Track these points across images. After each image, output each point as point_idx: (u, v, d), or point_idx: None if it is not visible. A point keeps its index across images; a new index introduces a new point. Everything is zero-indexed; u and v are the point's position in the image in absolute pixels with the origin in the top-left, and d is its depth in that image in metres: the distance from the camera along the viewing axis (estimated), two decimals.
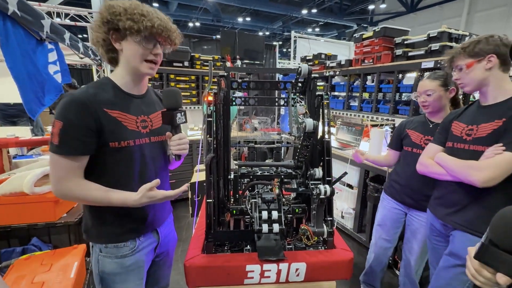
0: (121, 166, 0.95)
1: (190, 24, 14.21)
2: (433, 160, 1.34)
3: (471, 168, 1.13)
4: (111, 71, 1.00)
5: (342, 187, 2.78)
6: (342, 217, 2.82)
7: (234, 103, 1.45)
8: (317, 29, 14.66)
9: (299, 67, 1.29)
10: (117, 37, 0.90)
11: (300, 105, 1.31)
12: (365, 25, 13.04)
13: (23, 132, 3.25)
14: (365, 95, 2.82)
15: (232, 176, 1.38)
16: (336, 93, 3.31)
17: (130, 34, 0.88)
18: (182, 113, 1.00)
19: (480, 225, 1.18)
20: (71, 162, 0.86)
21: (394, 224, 1.81)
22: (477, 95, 1.30)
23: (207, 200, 1.14)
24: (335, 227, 2.72)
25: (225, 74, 1.30)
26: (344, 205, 2.71)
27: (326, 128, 1.30)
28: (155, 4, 11.10)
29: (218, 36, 4.51)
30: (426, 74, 1.66)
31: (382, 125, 3.08)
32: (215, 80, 1.29)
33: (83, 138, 0.86)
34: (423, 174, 1.42)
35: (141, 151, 0.99)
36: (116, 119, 0.92)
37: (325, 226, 1.20)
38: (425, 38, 2.19)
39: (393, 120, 2.57)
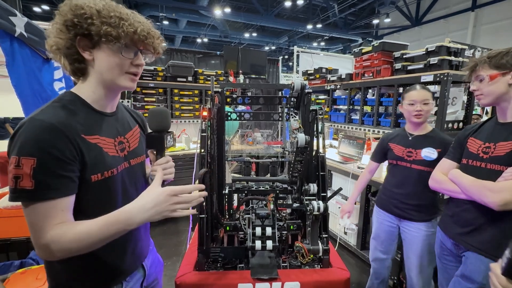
0: (103, 201, 0.77)
1: (199, 40, 14.68)
2: (447, 176, 1.29)
3: (487, 189, 1.07)
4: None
5: (344, 202, 2.72)
6: (345, 233, 2.74)
7: (229, 118, 1.48)
8: (322, 43, 14.89)
9: (292, 82, 1.31)
10: (87, 45, 0.72)
11: (294, 119, 1.31)
12: (370, 39, 13.19)
13: None
14: (367, 109, 2.81)
15: (226, 191, 1.38)
16: (337, 107, 3.32)
17: (106, 41, 0.71)
18: (170, 135, 0.94)
19: (496, 248, 1.11)
20: (55, 207, 0.66)
21: (388, 236, 1.79)
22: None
23: (200, 216, 1.14)
24: (337, 244, 2.64)
25: (219, 90, 1.33)
26: (347, 220, 2.63)
27: (321, 143, 1.29)
28: (165, 22, 11.56)
29: (222, 52, 4.63)
30: (416, 86, 1.66)
31: None
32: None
33: (66, 173, 0.67)
34: (435, 190, 1.38)
35: (122, 178, 0.84)
36: (96, 145, 0.75)
37: (320, 244, 1.17)
38: (424, 52, 2.19)
39: None
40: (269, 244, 1.11)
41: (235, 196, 1.46)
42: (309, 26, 11.49)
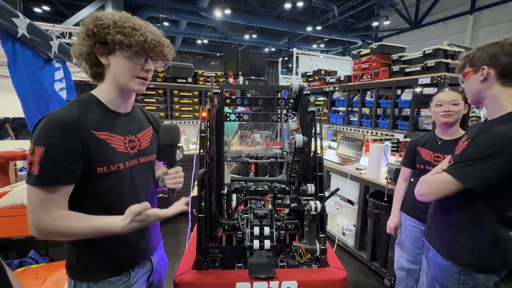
0: (110, 192, 0.85)
1: (199, 42, 14.71)
2: None
3: (419, 181, 1.16)
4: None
5: (342, 203, 2.74)
6: (343, 233, 2.75)
7: (228, 119, 1.49)
8: (322, 45, 14.94)
9: (291, 84, 1.33)
10: (104, 51, 0.82)
11: (292, 121, 1.33)
12: (369, 41, 13.24)
13: None
14: (365, 110, 2.83)
15: (225, 191, 1.39)
16: (336, 108, 3.34)
17: (119, 48, 0.80)
18: (180, 149, 0.97)
19: (448, 248, 1.13)
20: (52, 193, 0.74)
21: (414, 243, 1.72)
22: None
23: (198, 215, 1.15)
24: (335, 244, 2.64)
25: (219, 91, 1.35)
26: (345, 221, 2.65)
27: (318, 144, 1.30)
28: (166, 23, 11.59)
29: (222, 53, 4.65)
30: (445, 88, 1.62)
31: (382, 140, 3.06)
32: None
33: (69, 165, 0.75)
34: None
35: (131, 174, 0.90)
36: (104, 141, 0.83)
37: (317, 243, 1.19)
38: (421, 55, 2.22)
39: (392, 135, 2.56)
40: (267, 243, 1.12)
41: (234, 196, 1.47)
42: (309, 28, 11.53)
